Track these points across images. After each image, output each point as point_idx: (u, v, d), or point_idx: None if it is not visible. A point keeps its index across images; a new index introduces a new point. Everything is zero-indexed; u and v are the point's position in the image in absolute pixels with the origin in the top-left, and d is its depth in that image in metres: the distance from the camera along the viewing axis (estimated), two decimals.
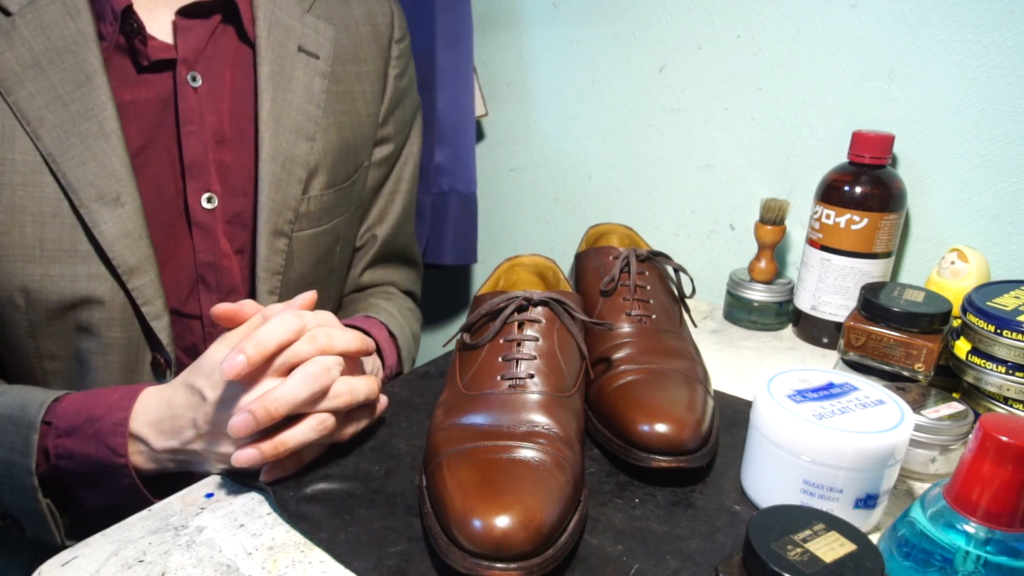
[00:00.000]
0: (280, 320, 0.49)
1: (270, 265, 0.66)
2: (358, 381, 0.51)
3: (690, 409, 0.51)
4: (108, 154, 0.58)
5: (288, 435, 0.48)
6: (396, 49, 0.76)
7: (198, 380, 0.50)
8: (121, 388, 0.53)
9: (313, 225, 0.69)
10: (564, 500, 0.42)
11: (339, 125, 0.70)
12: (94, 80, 0.57)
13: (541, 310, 0.53)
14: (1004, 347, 0.54)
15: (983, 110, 0.72)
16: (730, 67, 0.86)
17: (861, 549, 0.34)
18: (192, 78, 0.62)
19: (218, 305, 0.52)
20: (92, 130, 0.57)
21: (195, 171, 0.63)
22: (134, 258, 0.59)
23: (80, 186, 0.57)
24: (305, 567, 0.43)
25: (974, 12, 0.70)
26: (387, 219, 0.80)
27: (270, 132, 0.64)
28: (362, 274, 0.81)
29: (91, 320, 0.59)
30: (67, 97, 0.57)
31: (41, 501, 0.52)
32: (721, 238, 0.93)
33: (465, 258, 1.09)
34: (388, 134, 0.77)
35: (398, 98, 0.77)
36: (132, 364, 0.62)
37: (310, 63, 0.67)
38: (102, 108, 0.57)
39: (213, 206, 0.64)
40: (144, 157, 0.61)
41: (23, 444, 0.51)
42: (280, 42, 0.65)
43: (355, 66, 0.71)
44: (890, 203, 0.71)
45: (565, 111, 1.02)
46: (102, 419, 0.51)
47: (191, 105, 0.62)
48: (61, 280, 0.58)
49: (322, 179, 0.68)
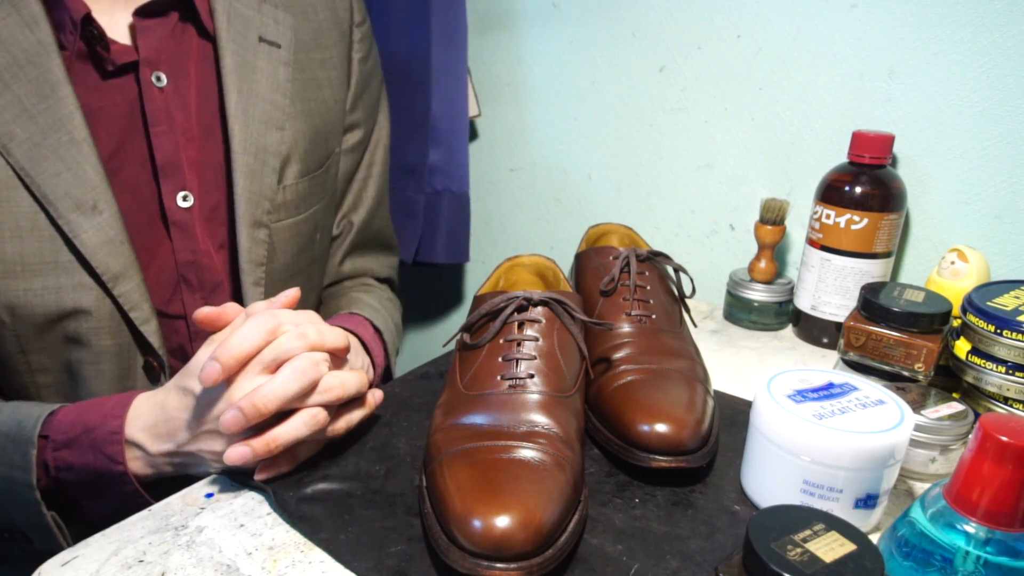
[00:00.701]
0: (255, 322, 0.49)
1: (253, 256, 0.66)
2: (349, 375, 0.52)
3: (690, 409, 0.51)
4: (81, 163, 0.57)
5: (279, 431, 0.48)
6: (358, 32, 0.76)
7: (189, 382, 0.50)
8: (115, 397, 0.54)
9: (291, 214, 0.68)
10: (564, 500, 0.42)
11: (307, 112, 0.70)
12: (59, 90, 0.57)
13: (541, 310, 0.53)
14: (1004, 347, 0.54)
15: (983, 110, 0.72)
16: (730, 67, 0.86)
17: (861, 549, 0.34)
18: (156, 78, 0.62)
19: (200, 309, 0.52)
20: (63, 140, 0.57)
21: (168, 171, 0.62)
22: (117, 264, 0.59)
23: (56, 197, 0.56)
24: (305, 567, 0.43)
25: (974, 12, 0.70)
26: (362, 205, 0.80)
27: (239, 123, 0.64)
28: (342, 263, 0.81)
29: (80, 330, 0.59)
30: (34, 110, 0.56)
31: (46, 514, 0.52)
32: (721, 238, 0.93)
33: (457, 257, 1.11)
34: (357, 119, 0.77)
35: (364, 82, 0.77)
36: (125, 371, 0.62)
37: (272, 52, 0.67)
38: (70, 118, 0.57)
39: (189, 204, 0.64)
40: (117, 162, 0.61)
41: (22, 460, 0.51)
42: (240, 33, 0.65)
43: (318, 52, 0.71)
44: (890, 203, 0.71)
45: (565, 111, 1.02)
46: (97, 428, 0.51)
47: (158, 105, 0.62)
48: (45, 293, 0.57)
49: (296, 167, 0.68)
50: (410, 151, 1.05)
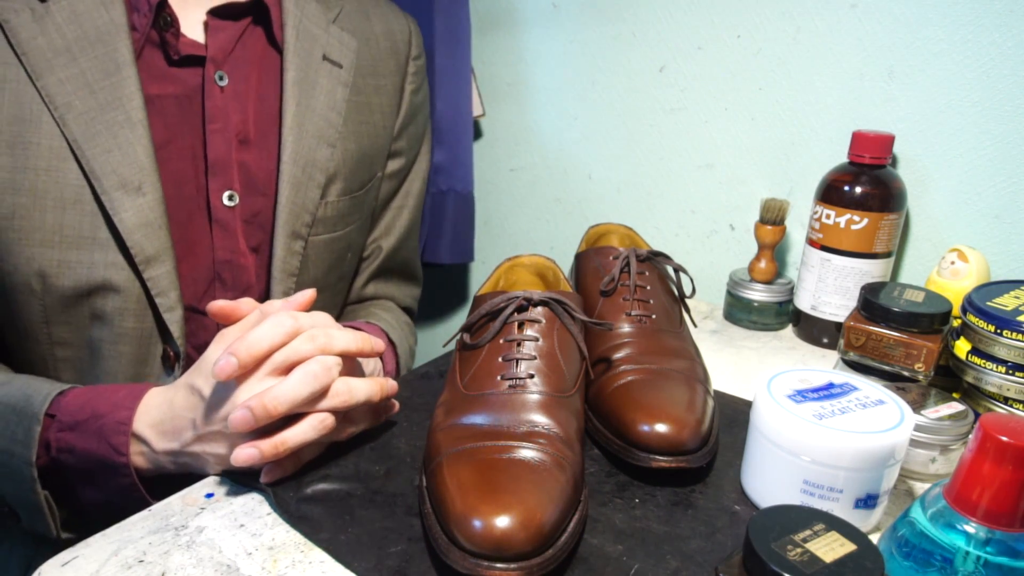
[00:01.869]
0: (274, 321, 0.49)
1: (286, 267, 0.67)
2: (357, 382, 0.51)
3: (690, 409, 0.51)
4: (133, 143, 0.58)
5: (288, 434, 0.48)
6: (413, 66, 0.78)
7: (198, 380, 0.50)
8: (127, 386, 0.54)
9: (328, 230, 0.70)
10: (564, 500, 0.42)
11: (357, 134, 0.71)
12: (123, 70, 0.58)
13: (541, 310, 0.53)
14: (1004, 347, 0.54)
15: (983, 110, 0.72)
16: (730, 67, 0.86)
17: (861, 549, 0.34)
18: (219, 77, 0.63)
19: (215, 302, 0.52)
20: (118, 119, 0.58)
21: (218, 169, 0.63)
22: (152, 248, 0.59)
23: (103, 173, 0.57)
24: (305, 567, 0.43)
25: (974, 12, 0.70)
26: (393, 232, 0.82)
27: (293, 136, 0.65)
28: (365, 285, 0.82)
29: (105, 308, 0.60)
30: (96, 85, 0.57)
31: (39, 493, 0.52)
32: (721, 238, 0.93)
33: (462, 257, 1.11)
34: (401, 148, 0.79)
35: (413, 113, 0.79)
36: (143, 355, 0.62)
37: (333, 72, 0.69)
38: (129, 98, 0.58)
39: (234, 204, 0.64)
40: (168, 151, 0.62)
41: (25, 435, 0.51)
42: (306, 49, 0.67)
43: (374, 79, 0.73)
44: (890, 203, 0.71)
45: (565, 111, 1.02)
46: (106, 416, 0.51)
47: (217, 103, 0.63)
48: (79, 267, 0.58)
49: (339, 185, 0.70)
50: None
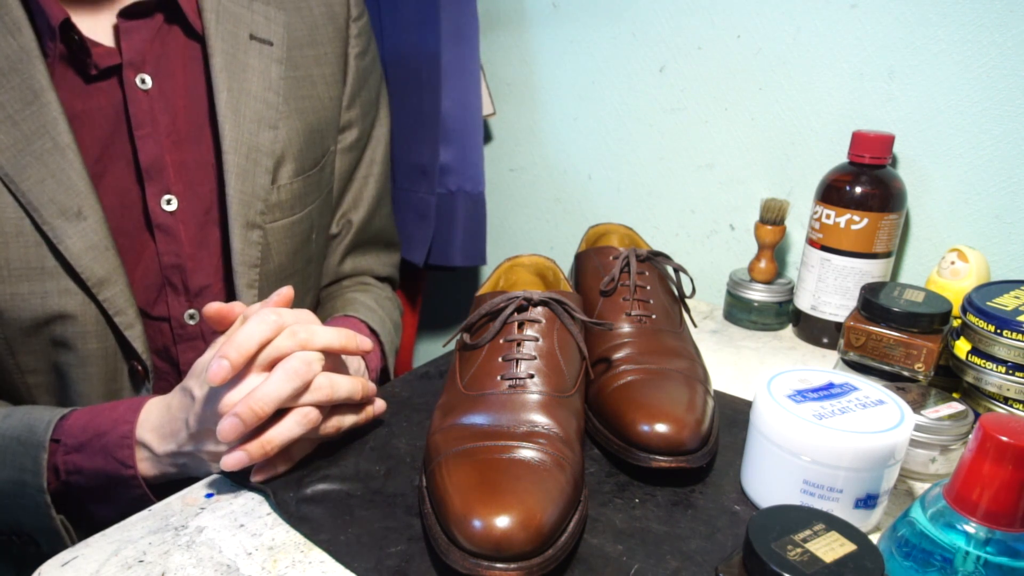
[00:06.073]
0: (259, 319, 0.49)
1: (246, 259, 0.65)
2: (339, 378, 0.51)
3: (690, 409, 0.51)
4: (65, 169, 0.57)
5: (272, 433, 0.48)
6: (355, 28, 0.74)
7: (190, 382, 0.51)
8: (126, 401, 0.54)
9: (286, 215, 0.68)
10: (564, 500, 0.42)
11: (301, 111, 0.69)
12: (43, 96, 0.56)
13: (541, 310, 0.53)
14: (1004, 347, 0.54)
15: (983, 110, 0.72)
16: (730, 67, 0.86)
17: (861, 549, 0.34)
18: (141, 80, 0.61)
19: (210, 304, 0.52)
20: (46, 147, 0.56)
21: (152, 174, 0.62)
22: (102, 270, 0.58)
23: (40, 203, 0.56)
24: (305, 567, 0.43)
25: (974, 12, 0.70)
26: (362, 204, 0.79)
27: (230, 123, 0.63)
28: (341, 262, 0.80)
29: (66, 334, 0.59)
30: (17, 116, 0.56)
31: (55, 518, 0.52)
32: (721, 238, 0.93)
33: (474, 260, 1.07)
34: (354, 117, 0.76)
35: (362, 78, 0.76)
36: (112, 373, 0.62)
37: (264, 50, 0.66)
38: (54, 124, 0.56)
39: (174, 208, 0.63)
40: (102, 166, 0.60)
41: (33, 464, 0.52)
42: (230, 31, 0.64)
43: (312, 49, 0.70)
44: (890, 203, 0.71)
45: (565, 111, 1.02)
46: (109, 433, 0.52)
47: (142, 107, 0.61)
48: (31, 298, 0.57)
49: (290, 167, 0.67)
50: (421, 151, 1.02)
